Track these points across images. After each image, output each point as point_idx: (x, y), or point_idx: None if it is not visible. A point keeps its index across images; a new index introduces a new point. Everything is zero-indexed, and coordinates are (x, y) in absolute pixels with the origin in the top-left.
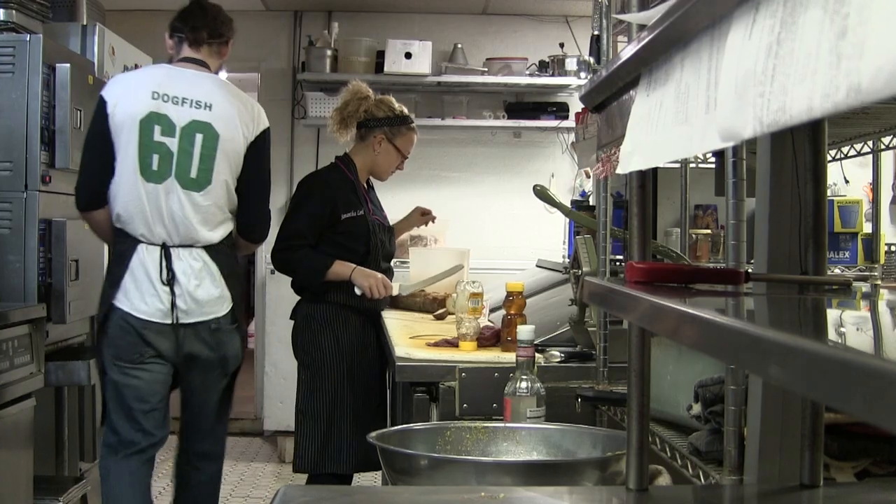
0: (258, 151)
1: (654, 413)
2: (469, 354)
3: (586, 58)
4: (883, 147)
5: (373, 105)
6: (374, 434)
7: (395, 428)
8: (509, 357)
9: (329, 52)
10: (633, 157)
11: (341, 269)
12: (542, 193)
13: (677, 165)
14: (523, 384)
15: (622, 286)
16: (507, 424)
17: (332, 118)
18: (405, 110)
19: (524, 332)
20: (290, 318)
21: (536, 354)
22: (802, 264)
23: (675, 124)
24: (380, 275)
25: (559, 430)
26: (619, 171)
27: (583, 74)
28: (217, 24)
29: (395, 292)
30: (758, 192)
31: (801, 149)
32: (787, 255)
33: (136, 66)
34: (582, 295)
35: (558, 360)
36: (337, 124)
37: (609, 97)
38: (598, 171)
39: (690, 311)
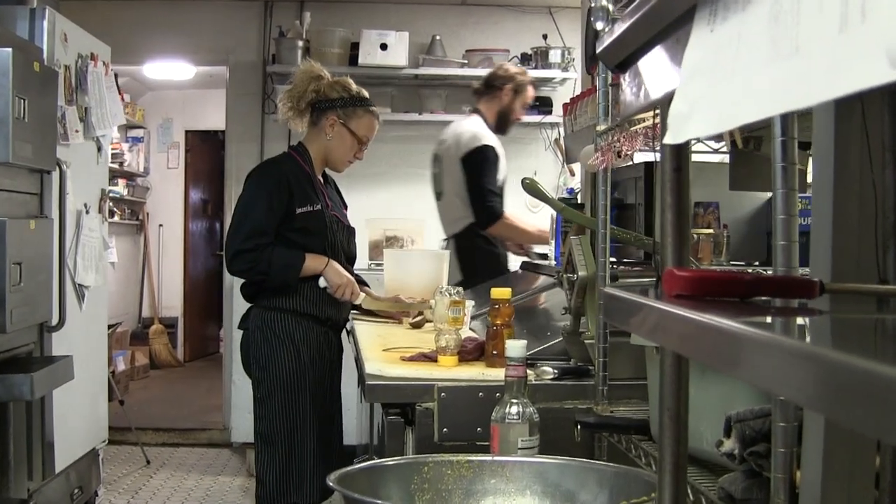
0: (467, 166)
1: None
2: (449, 371)
3: (604, 2)
4: None
5: (326, 85)
6: (334, 476)
7: (362, 465)
8: (495, 373)
9: (300, 44)
10: (692, 119)
11: (315, 262)
12: (531, 188)
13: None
14: (514, 409)
15: (661, 302)
16: (496, 458)
17: (282, 101)
18: (364, 92)
19: (514, 347)
20: (239, 327)
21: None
22: (880, 271)
23: (771, 61)
24: (353, 279)
25: (557, 465)
26: (670, 140)
27: (596, 31)
28: (484, 81)
29: (358, 301)
30: (816, 180)
31: (875, 122)
32: (857, 260)
33: (92, 55)
34: (600, 310)
35: (551, 376)
36: (289, 109)
37: (639, 49)
38: (597, 161)
39: (796, 346)
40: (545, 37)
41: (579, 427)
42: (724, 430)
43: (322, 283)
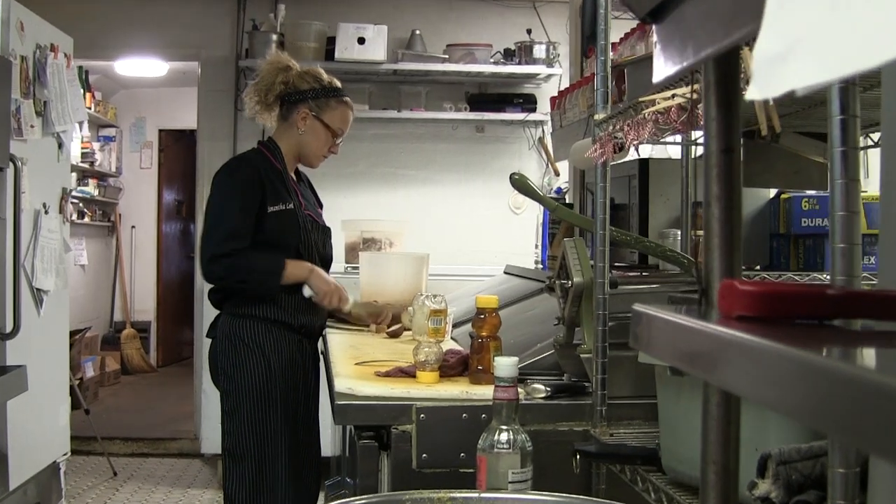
0: None
1: (685, 479)
2: (429, 389)
3: None
4: None
5: (295, 77)
6: None
7: None
8: (480, 391)
9: (275, 38)
10: (792, 62)
11: (298, 270)
12: (521, 184)
13: (676, 156)
14: (503, 436)
15: (724, 326)
16: (483, 495)
17: (249, 95)
18: (336, 82)
19: (504, 366)
20: (208, 335)
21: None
22: None
23: None
24: (340, 284)
25: (557, 503)
26: (757, 93)
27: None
28: None
29: (348, 307)
30: (885, 170)
31: None
32: None
33: (53, 46)
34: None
35: (543, 395)
36: (256, 103)
37: None
38: (594, 153)
39: None
40: (529, 31)
41: (578, 457)
42: (757, 470)
43: (307, 291)
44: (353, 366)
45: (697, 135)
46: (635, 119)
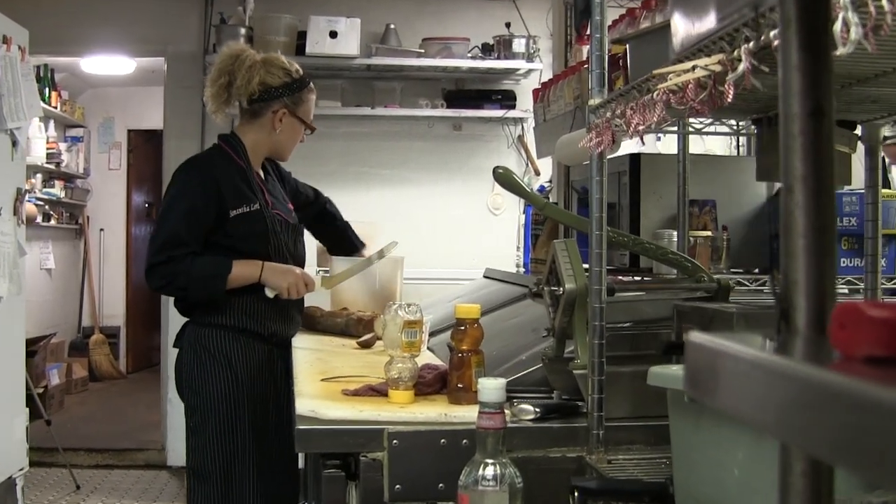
0: None
1: None
2: (403, 410)
3: None
4: None
5: (262, 72)
6: None
7: None
8: (461, 413)
9: (243, 31)
10: None
11: (247, 269)
12: (505, 178)
13: (672, 151)
14: (489, 471)
15: (866, 379)
16: None
17: (214, 96)
18: (299, 68)
19: (490, 390)
20: (175, 345)
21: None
22: None
23: None
24: (297, 269)
25: None
26: None
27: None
28: None
29: (317, 287)
30: None
31: None
32: None
33: (6, 39)
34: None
35: (531, 417)
36: (223, 103)
37: None
38: (591, 143)
39: None
40: (508, 25)
41: (576, 494)
42: None
43: (269, 292)
44: (319, 382)
45: (698, 126)
46: (640, 101)
